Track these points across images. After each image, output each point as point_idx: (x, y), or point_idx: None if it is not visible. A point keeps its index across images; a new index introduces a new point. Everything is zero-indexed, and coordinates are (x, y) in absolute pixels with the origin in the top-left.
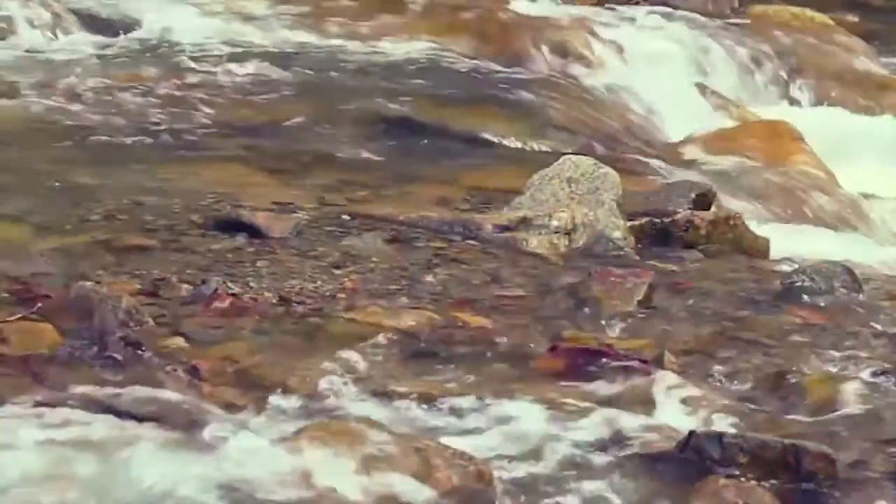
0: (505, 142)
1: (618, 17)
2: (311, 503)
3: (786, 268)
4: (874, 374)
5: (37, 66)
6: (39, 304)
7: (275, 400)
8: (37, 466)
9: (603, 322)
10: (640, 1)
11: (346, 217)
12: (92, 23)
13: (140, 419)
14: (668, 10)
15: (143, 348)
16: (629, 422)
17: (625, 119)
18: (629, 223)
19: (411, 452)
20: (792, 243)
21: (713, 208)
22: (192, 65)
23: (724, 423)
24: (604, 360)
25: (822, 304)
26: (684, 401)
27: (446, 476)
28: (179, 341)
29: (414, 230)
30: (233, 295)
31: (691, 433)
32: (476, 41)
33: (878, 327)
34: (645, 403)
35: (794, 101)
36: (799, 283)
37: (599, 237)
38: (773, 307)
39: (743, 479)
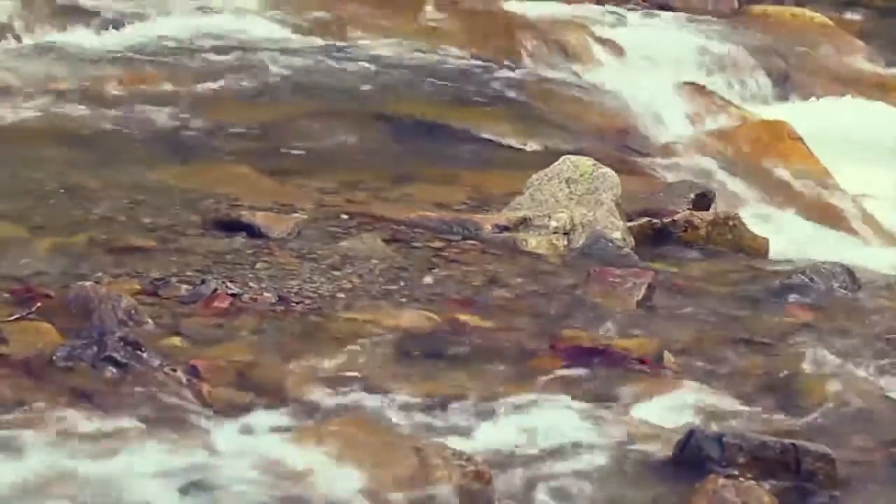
0: (504, 142)
1: (617, 16)
2: (309, 503)
3: (785, 267)
4: (873, 374)
5: (35, 66)
6: (39, 304)
7: (274, 400)
8: (37, 466)
9: (602, 322)
10: (640, 0)
11: (345, 217)
12: (91, 21)
13: (139, 419)
14: (668, 9)
15: (143, 348)
16: (629, 421)
17: (624, 119)
18: (628, 223)
19: (410, 452)
20: (791, 243)
21: (712, 208)
22: (192, 65)
23: (723, 423)
24: (603, 359)
25: (822, 304)
26: (684, 400)
27: (445, 476)
28: (178, 341)
29: (413, 230)
30: (232, 295)
31: (691, 433)
32: (475, 41)
33: (877, 327)
34: (644, 403)
35: (792, 101)
36: (798, 283)
37: (598, 237)
38: (772, 307)
39: (742, 479)
